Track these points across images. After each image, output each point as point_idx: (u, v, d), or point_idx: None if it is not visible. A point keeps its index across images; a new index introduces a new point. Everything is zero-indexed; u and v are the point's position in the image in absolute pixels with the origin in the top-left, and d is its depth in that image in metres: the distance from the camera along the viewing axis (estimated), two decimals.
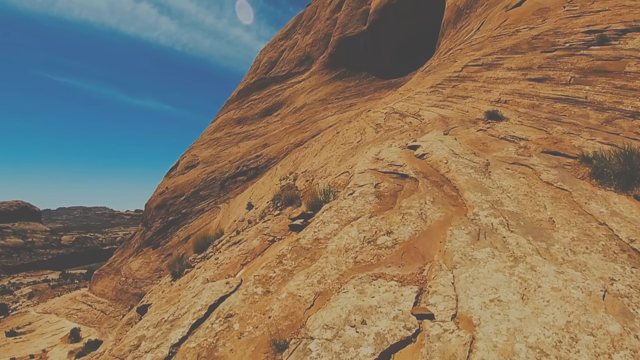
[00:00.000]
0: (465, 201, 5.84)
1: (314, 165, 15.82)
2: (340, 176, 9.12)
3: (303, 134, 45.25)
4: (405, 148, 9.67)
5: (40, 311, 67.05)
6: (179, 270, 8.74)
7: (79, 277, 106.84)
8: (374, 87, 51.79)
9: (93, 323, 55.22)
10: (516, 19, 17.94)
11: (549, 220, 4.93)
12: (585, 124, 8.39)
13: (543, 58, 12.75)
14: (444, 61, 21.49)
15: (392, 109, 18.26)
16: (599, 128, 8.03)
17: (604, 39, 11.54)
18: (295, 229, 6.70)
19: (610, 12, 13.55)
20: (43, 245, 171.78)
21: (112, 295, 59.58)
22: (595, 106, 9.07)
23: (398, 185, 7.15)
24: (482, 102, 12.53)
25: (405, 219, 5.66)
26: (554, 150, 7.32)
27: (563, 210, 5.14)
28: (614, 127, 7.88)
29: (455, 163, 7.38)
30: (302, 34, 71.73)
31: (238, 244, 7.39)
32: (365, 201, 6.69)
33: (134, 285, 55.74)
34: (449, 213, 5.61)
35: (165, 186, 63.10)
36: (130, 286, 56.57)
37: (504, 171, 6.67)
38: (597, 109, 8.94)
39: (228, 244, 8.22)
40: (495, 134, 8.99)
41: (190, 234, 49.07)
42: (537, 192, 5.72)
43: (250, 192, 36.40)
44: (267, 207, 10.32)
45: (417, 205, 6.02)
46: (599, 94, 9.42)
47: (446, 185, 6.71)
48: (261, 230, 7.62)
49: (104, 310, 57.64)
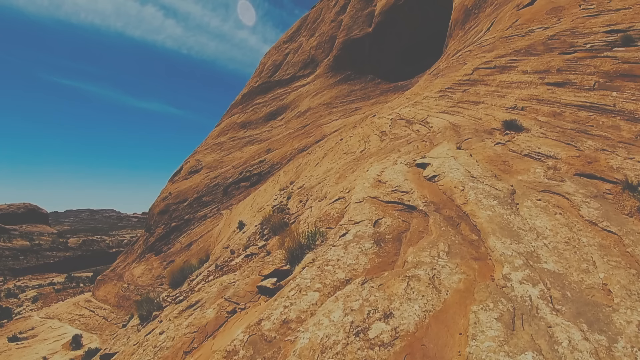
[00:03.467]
0: (491, 252, 4.52)
1: (311, 179, 14.58)
2: (335, 204, 7.66)
3: (307, 139, 44.15)
4: (413, 165, 8.41)
5: (43, 316, 66.66)
6: (147, 313, 7.60)
7: (85, 280, 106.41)
8: (380, 90, 50.57)
9: (95, 329, 54.60)
10: (528, 18, 16.80)
11: (603, 289, 3.68)
12: (618, 138, 7.27)
13: (562, 60, 11.61)
14: (453, 63, 20.30)
15: (398, 115, 17.17)
16: (635, 143, 6.95)
17: (629, 40, 10.50)
18: (265, 293, 5.23)
19: (631, 10, 12.44)
20: (50, 247, 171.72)
21: (114, 301, 59.02)
22: (625, 115, 7.99)
23: (403, 222, 5.76)
24: (496, 108, 11.42)
25: (411, 288, 4.13)
26: (589, 173, 6.10)
27: (618, 269, 3.89)
28: None
29: (473, 190, 6.09)
30: (307, 36, 70.75)
31: (193, 307, 6.03)
32: (359, 250, 5.17)
33: (136, 292, 55.03)
34: (470, 274, 4.23)
35: (168, 191, 62.41)
36: (132, 293, 55.91)
37: (535, 203, 5.39)
38: (628, 118, 7.87)
39: (188, 298, 7.01)
40: (517, 149, 7.77)
41: (192, 240, 48.42)
42: (581, 238, 4.47)
43: (252, 199, 35.43)
44: (254, 233, 9.20)
45: (428, 260, 4.58)
46: (629, 102, 8.35)
47: (464, 223, 5.37)
48: (225, 289, 6.07)
49: (106, 317, 57.03)
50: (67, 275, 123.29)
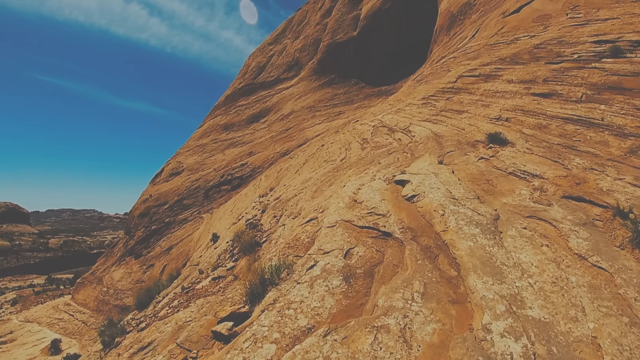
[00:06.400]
0: (471, 294, 4.03)
1: (289, 190, 14.04)
2: (307, 226, 7.09)
3: (290, 143, 43.63)
4: (392, 182, 7.93)
5: (22, 319, 65.15)
6: (110, 339, 7.03)
7: (65, 282, 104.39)
8: (364, 94, 50.28)
9: (74, 334, 53.44)
10: (514, 26, 16.51)
11: (592, 342, 3.25)
12: (607, 155, 6.94)
13: (548, 70, 11.32)
14: (437, 70, 19.98)
15: (380, 122, 16.81)
16: (624, 161, 6.60)
17: (618, 51, 10.23)
18: (220, 339, 4.62)
19: (619, 20, 12.17)
20: (30, 248, 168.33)
21: (93, 305, 57.79)
22: (614, 130, 7.68)
23: (377, 253, 5.23)
24: (480, 118, 11.08)
25: (379, 343, 3.52)
26: (578, 195, 5.70)
27: (609, 317, 3.46)
28: None
29: (454, 216, 5.61)
30: (292, 38, 70.23)
31: (145, 351, 5.45)
32: (326, 289, 4.56)
33: (115, 297, 53.93)
34: (446, 323, 3.70)
35: (149, 193, 61.38)
36: (111, 297, 54.77)
37: (520, 232, 4.93)
38: (617, 134, 7.55)
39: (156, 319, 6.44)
40: (501, 166, 7.37)
41: (172, 244, 47.58)
42: (569, 277, 4.03)
43: (232, 203, 34.84)
44: (224, 250, 8.70)
45: (400, 304, 4.00)
46: (618, 116, 8.04)
47: (443, 254, 4.88)
48: (179, 329, 5.49)
49: (85, 322, 55.82)
50: (47, 276, 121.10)
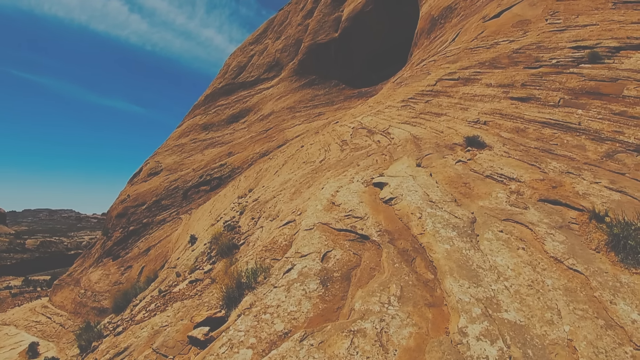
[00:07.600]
0: (447, 297, 4.04)
1: (267, 191, 13.94)
2: (284, 228, 7.02)
3: (269, 143, 43.48)
4: (370, 184, 7.92)
5: None
6: (86, 343, 6.86)
7: (42, 284, 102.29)
8: (344, 96, 50.42)
9: (52, 337, 52.37)
10: (494, 30, 16.69)
11: (568, 345, 3.27)
12: (584, 159, 7.02)
13: (527, 75, 11.45)
14: (417, 73, 20.12)
15: (360, 124, 16.83)
16: (601, 165, 6.68)
17: (596, 57, 10.38)
18: (196, 344, 4.55)
19: (598, 27, 12.37)
20: (7, 249, 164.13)
21: (71, 307, 56.62)
22: (591, 135, 7.78)
23: (354, 256, 5.21)
24: (458, 121, 11.15)
25: (355, 347, 3.51)
26: (554, 199, 5.76)
27: (585, 320, 3.49)
28: (617, 165, 6.54)
29: (431, 218, 5.60)
30: (273, 38, 69.96)
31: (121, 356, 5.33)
32: (303, 293, 4.54)
33: (93, 299, 52.97)
34: (422, 327, 3.70)
35: (127, 194, 60.43)
36: (89, 299, 53.77)
37: (497, 235, 4.95)
38: (594, 138, 7.65)
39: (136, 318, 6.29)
40: (479, 169, 7.41)
41: (150, 245, 46.94)
42: (545, 280, 4.05)
43: (211, 204, 34.52)
44: (202, 252, 8.57)
45: (377, 308, 4.00)
46: (595, 121, 8.15)
47: (419, 257, 4.87)
48: (155, 334, 5.38)
49: (62, 324, 54.73)
50: (24, 278, 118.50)
